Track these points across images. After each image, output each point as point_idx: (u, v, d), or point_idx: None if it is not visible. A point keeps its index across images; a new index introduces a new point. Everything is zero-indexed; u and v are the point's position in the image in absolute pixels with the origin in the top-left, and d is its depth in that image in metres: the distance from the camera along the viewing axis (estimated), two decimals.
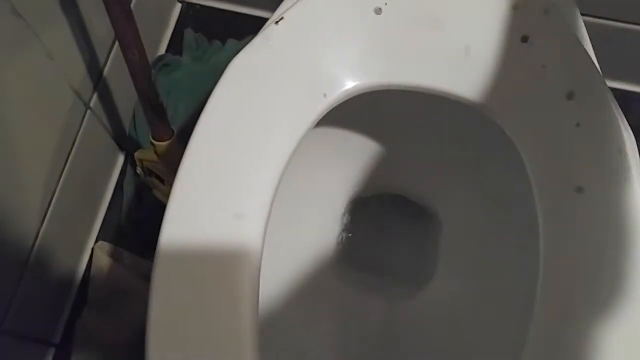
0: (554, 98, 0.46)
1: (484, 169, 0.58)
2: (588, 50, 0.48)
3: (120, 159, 0.89)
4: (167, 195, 0.81)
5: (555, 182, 0.44)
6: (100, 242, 0.84)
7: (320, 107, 0.46)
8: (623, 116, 0.46)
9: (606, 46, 0.62)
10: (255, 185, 0.43)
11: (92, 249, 0.83)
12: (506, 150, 0.47)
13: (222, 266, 0.42)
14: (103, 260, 0.81)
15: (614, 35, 0.80)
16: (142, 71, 0.61)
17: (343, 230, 0.67)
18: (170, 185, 0.77)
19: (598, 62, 0.49)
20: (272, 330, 0.49)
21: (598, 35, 0.57)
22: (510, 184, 0.52)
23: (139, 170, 0.83)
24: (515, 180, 0.48)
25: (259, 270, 0.42)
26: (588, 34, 0.53)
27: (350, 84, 0.46)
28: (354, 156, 0.64)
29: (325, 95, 0.46)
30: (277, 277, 0.60)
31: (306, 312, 0.61)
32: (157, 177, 0.81)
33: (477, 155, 0.58)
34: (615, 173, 0.44)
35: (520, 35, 0.47)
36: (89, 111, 0.77)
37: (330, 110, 0.47)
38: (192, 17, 1.00)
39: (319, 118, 0.46)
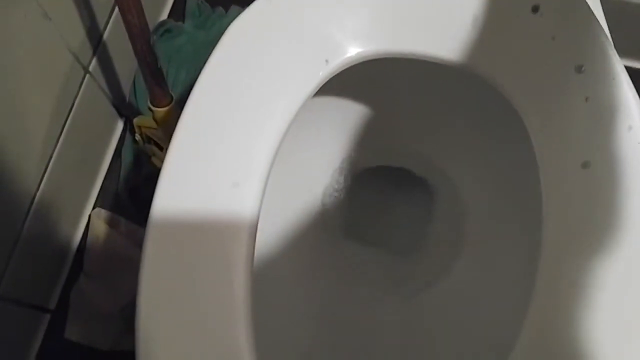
0: (563, 71, 0.44)
1: (489, 142, 0.57)
2: (601, 24, 0.46)
3: (119, 125, 0.88)
4: None
5: (561, 156, 0.43)
6: (97, 209, 0.83)
7: (322, 73, 0.44)
8: (635, 92, 0.44)
9: (621, 21, 0.60)
10: (252, 153, 0.42)
11: (89, 216, 0.83)
12: (512, 123, 0.46)
13: (217, 236, 0.40)
14: (100, 227, 0.81)
15: (630, 10, 0.78)
16: (141, 34, 0.60)
17: (342, 202, 0.66)
18: None
19: (612, 37, 0.47)
20: (265, 293, 0.48)
21: (613, 10, 0.55)
22: (516, 158, 0.50)
23: (137, 137, 0.82)
24: (521, 155, 0.47)
25: (254, 241, 0.41)
26: (602, 8, 0.52)
27: (353, 51, 0.45)
28: (354, 127, 0.63)
29: (327, 61, 0.44)
30: (271, 246, 0.59)
31: (301, 276, 0.60)
32: (156, 144, 0.80)
33: (482, 128, 0.56)
34: (624, 150, 0.43)
35: (530, 5, 0.45)
36: (88, 75, 0.76)
37: (332, 78, 0.46)
38: None
39: (320, 85, 0.44)
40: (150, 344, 0.38)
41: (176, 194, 0.41)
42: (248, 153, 0.42)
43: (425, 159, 0.64)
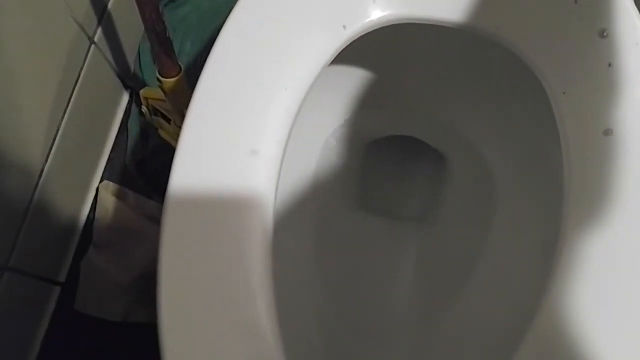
0: (586, 36, 0.44)
1: (509, 110, 0.56)
2: None
3: (125, 98, 0.87)
4: (173, 135, 0.80)
5: (583, 123, 0.43)
6: (105, 182, 0.82)
7: (340, 40, 0.43)
8: None
9: None
10: (270, 121, 0.41)
11: (97, 189, 0.82)
12: (533, 90, 0.45)
13: (236, 206, 0.40)
14: (108, 200, 0.80)
15: None
16: (150, 2, 0.59)
17: (355, 172, 0.66)
18: (177, 125, 0.76)
19: (636, 2, 0.46)
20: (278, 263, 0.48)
21: None
22: (537, 125, 0.50)
23: (144, 109, 0.81)
24: (543, 123, 0.46)
25: (273, 210, 0.41)
26: None
27: (372, 16, 0.44)
28: (370, 95, 0.62)
29: (345, 27, 0.43)
30: (283, 216, 0.59)
31: (313, 246, 0.60)
32: (163, 116, 0.79)
33: (502, 96, 0.55)
34: None
35: None
36: (93, 46, 0.75)
37: (348, 46, 0.45)
38: None
39: (338, 52, 0.43)
40: (172, 319, 0.38)
41: (194, 163, 0.41)
42: (266, 121, 0.41)
43: (442, 128, 0.63)
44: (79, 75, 0.73)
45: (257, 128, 0.41)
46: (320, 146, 0.62)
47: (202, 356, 0.37)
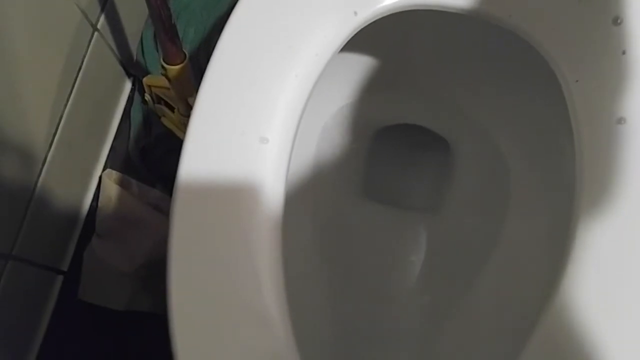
0: (600, 23, 0.43)
1: (520, 98, 0.55)
2: None
3: (128, 85, 0.86)
4: (177, 123, 0.80)
5: (596, 112, 0.42)
6: (108, 170, 0.82)
7: (350, 26, 0.43)
8: None
9: None
10: (280, 108, 0.41)
11: (100, 177, 0.82)
12: (545, 77, 0.45)
13: (245, 194, 0.40)
14: (111, 188, 0.80)
15: None
16: None
17: (362, 161, 0.65)
18: (180, 112, 0.75)
19: None
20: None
21: None
22: (549, 114, 0.49)
23: (147, 97, 0.81)
24: (555, 111, 0.46)
25: (282, 200, 0.40)
26: None
27: (385, 2, 0.43)
28: (378, 83, 0.61)
29: (356, 13, 0.43)
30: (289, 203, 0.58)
31: (319, 235, 0.60)
32: (166, 104, 0.79)
33: (513, 84, 0.55)
34: None
35: None
36: (96, 33, 0.74)
37: (358, 33, 0.44)
38: None
39: (349, 38, 0.43)
40: (182, 309, 0.37)
41: (203, 151, 0.40)
42: (275, 108, 0.41)
43: (452, 116, 0.63)
44: (82, 63, 0.72)
45: (267, 115, 0.41)
46: (326, 134, 0.61)
47: (212, 344, 0.37)
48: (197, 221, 0.39)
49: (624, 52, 0.42)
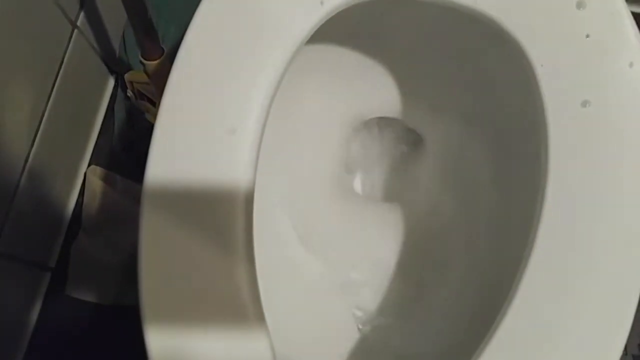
0: (563, 7, 0.43)
1: (484, 88, 0.56)
2: None
3: (111, 82, 0.87)
4: None
5: (562, 95, 0.43)
6: (92, 167, 0.82)
7: (317, 15, 0.43)
8: (637, 29, 0.43)
9: None
10: (248, 99, 0.41)
11: (85, 174, 0.82)
12: (512, 66, 0.45)
13: (214, 185, 0.40)
14: (96, 184, 0.80)
15: None
16: None
17: (337, 152, 0.66)
18: None
19: None
20: (267, 251, 0.48)
21: None
22: (515, 104, 0.50)
23: (129, 93, 0.81)
24: (520, 100, 0.47)
25: (253, 188, 0.41)
26: None
27: None
28: (351, 76, 0.62)
29: (322, 3, 0.43)
30: (276, 204, 0.59)
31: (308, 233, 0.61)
32: (149, 99, 0.79)
33: (477, 72, 0.55)
34: (625, 87, 0.42)
35: None
36: (76, 30, 0.74)
37: (326, 24, 0.44)
38: None
39: (315, 28, 0.43)
40: (153, 305, 0.38)
41: (170, 144, 0.41)
42: (243, 99, 0.41)
43: (420, 109, 0.63)
44: (62, 60, 0.72)
45: (235, 107, 0.41)
46: (301, 125, 0.62)
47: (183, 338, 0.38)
48: (166, 215, 0.40)
49: (587, 36, 0.43)
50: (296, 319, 0.55)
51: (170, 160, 0.41)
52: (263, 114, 0.41)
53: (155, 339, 0.38)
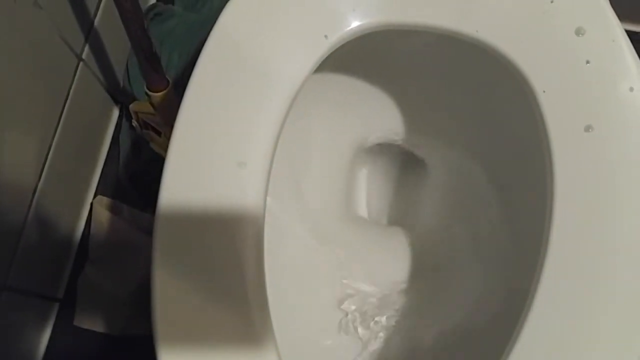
0: (563, 34, 0.44)
1: (488, 114, 0.57)
2: None
3: (116, 112, 0.88)
4: (165, 147, 0.80)
5: (564, 121, 0.43)
6: (99, 197, 0.83)
7: (321, 49, 0.44)
8: (635, 54, 0.44)
9: None
10: (256, 132, 0.42)
11: (91, 204, 0.83)
12: (513, 93, 0.46)
13: (225, 218, 0.41)
14: (103, 214, 0.81)
15: None
16: (134, 18, 0.59)
17: (344, 177, 0.66)
18: (167, 137, 0.76)
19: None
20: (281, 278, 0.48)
21: None
22: (518, 129, 0.50)
23: (134, 123, 0.82)
24: (522, 125, 0.47)
25: (263, 219, 0.41)
26: None
27: (352, 24, 0.44)
28: (357, 104, 0.63)
29: (326, 37, 0.44)
30: (288, 231, 0.59)
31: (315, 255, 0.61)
32: (154, 129, 0.80)
33: (482, 101, 0.56)
34: (626, 111, 0.43)
35: None
36: (81, 63, 0.75)
37: (332, 55, 0.45)
38: None
39: (320, 61, 0.44)
40: (167, 331, 0.39)
41: (182, 179, 0.42)
42: (252, 132, 0.42)
43: (425, 135, 0.64)
44: (69, 93, 0.73)
45: (243, 140, 0.42)
46: (308, 154, 0.62)
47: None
48: (178, 244, 0.40)
49: (587, 62, 0.44)
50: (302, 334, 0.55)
51: (181, 190, 0.41)
52: (271, 148, 0.42)
53: None
